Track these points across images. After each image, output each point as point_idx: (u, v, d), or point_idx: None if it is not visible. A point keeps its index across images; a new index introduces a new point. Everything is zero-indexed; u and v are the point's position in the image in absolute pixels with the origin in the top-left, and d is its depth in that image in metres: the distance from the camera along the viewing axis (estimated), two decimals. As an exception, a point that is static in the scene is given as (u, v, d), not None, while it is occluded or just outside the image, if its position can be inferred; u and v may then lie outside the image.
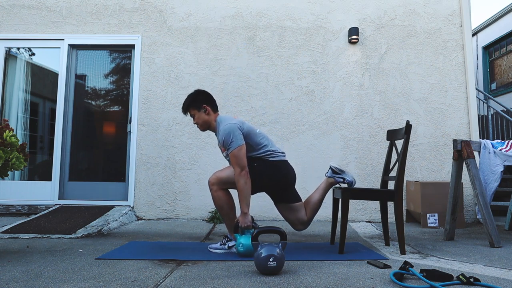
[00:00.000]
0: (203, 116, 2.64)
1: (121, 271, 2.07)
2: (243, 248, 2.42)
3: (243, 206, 2.46)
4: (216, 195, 2.60)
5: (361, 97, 4.52)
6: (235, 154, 2.47)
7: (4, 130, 2.49)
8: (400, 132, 2.81)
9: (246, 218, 2.46)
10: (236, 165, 2.47)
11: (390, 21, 4.63)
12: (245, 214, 2.46)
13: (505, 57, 7.52)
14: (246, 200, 2.47)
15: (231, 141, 2.47)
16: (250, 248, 2.39)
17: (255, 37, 4.61)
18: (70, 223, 3.63)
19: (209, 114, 2.64)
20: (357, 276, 1.99)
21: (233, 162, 2.48)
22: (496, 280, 1.92)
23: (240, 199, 2.47)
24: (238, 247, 2.44)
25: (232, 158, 2.48)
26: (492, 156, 3.12)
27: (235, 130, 2.49)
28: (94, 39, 4.63)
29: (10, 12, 4.69)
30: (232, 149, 2.47)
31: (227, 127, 2.50)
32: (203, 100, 2.64)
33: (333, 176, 2.80)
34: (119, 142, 4.65)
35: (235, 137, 2.47)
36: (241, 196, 2.47)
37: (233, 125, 2.51)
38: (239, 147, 2.47)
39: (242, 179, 2.46)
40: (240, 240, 2.44)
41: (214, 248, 2.65)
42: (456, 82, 4.53)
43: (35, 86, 4.81)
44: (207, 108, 2.63)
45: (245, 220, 2.46)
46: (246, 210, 2.46)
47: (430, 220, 3.92)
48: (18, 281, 1.88)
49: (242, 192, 2.46)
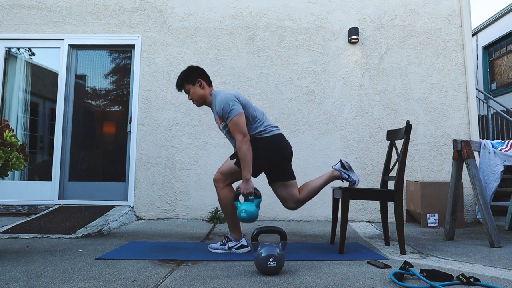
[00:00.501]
0: (198, 90, 2.63)
1: (121, 271, 2.07)
2: (246, 214, 2.39)
3: (246, 173, 2.45)
4: (222, 193, 2.58)
5: (361, 97, 4.52)
6: (235, 122, 2.46)
7: (4, 130, 2.49)
8: (400, 132, 2.81)
9: (248, 184, 2.45)
10: (238, 132, 2.46)
11: (390, 21, 4.63)
12: (248, 180, 2.45)
13: (505, 57, 7.52)
14: (249, 167, 2.45)
15: (231, 110, 2.46)
16: (253, 214, 2.38)
17: (255, 37, 4.61)
18: (70, 223, 3.63)
19: (204, 88, 2.63)
20: (357, 276, 1.99)
21: (234, 130, 2.47)
22: (496, 280, 1.92)
23: (242, 166, 2.46)
24: (241, 214, 2.40)
25: (232, 126, 2.47)
26: (492, 156, 3.12)
27: (233, 99, 2.49)
28: (94, 39, 4.63)
29: (10, 12, 4.69)
30: (232, 117, 2.46)
31: (224, 97, 2.50)
32: (197, 75, 2.63)
33: (340, 170, 2.76)
34: (119, 142, 4.65)
35: (234, 105, 2.47)
36: (244, 163, 2.45)
37: (231, 95, 2.51)
38: (239, 115, 2.47)
39: (245, 146, 2.44)
40: (242, 207, 2.41)
41: (214, 248, 2.64)
42: (456, 82, 4.53)
43: (35, 86, 4.81)
44: (201, 82, 2.63)
45: (247, 186, 2.45)
46: (248, 177, 2.45)
47: (430, 220, 3.92)
48: (18, 281, 1.88)
49: (245, 158, 2.44)
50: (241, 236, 2.65)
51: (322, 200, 4.35)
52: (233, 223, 2.63)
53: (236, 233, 2.64)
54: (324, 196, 4.36)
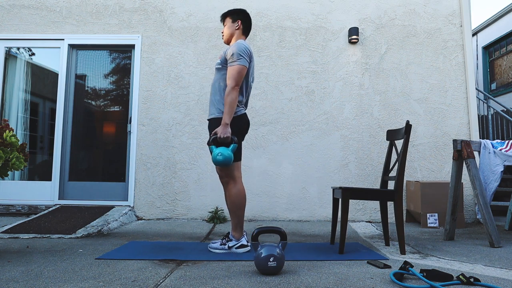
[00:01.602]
0: (233, 28, 2.71)
1: (121, 271, 2.07)
2: (222, 157, 2.39)
3: (226, 118, 2.45)
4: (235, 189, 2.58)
5: (361, 97, 4.52)
6: (238, 70, 2.49)
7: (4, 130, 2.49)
8: (400, 132, 2.81)
9: (226, 128, 2.46)
10: (234, 79, 2.48)
11: (390, 21, 4.63)
12: (226, 125, 2.46)
13: (505, 57, 7.52)
14: (230, 113, 2.46)
15: (241, 57, 2.50)
16: (228, 157, 2.39)
17: (255, 37, 4.61)
18: (70, 223, 3.63)
19: (238, 29, 2.71)
20: (357, 276, 1.99)
21: (231, 76, 2.49)
22: (496, 280, 1.92)
23: (226, 110, 2.46)
24: (217, 157, 2.40)
25: (232, 72, 2.49)
26: (492, 156, 3.12)
27: (247, 51, 2.55)
28: (94, 39, 4.63)
29: (10, 12, 4.69)
30: (238, 64, 2.50)
31: (242, 45, 2.55)
32: (241, 17, 2.72)
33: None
34: (119, 142, 4.65)
35: (245, 55, 2.52)
36: (227, 108, 2.46)
37: (247, 47, 2.56)
38: (244, 66, 2.51)
39: (234, 94, 2.47)
40: (218, 150, 2.41)
41: (214, 248, 2.64)
42: (456, 82, 4.53)
43: (35, 86, 4.81)
44: (239, 24, 2.70)
45: (225, 130, 2.45)
46: (227, 121, 2.46)
47: (430, 220, 3.92)
48: (18, 281, 1.88)
49: (230, 105, 2.46)
50: (242, 235, 2.64)
51: (322, 200, 4.35)
52: (238, 221, 2.61)
53: (238, 232, 2.62)
54: (324, 196, 4.36)
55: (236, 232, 2.62)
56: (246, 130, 2.69)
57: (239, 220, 2.61)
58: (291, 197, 4.36)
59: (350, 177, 4.39)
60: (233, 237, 2.62)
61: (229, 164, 2.43)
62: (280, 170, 4.40)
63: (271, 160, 4.42)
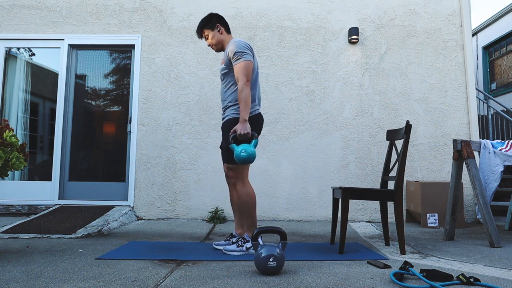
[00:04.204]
0: (218, 35, 2.69)
1: (121, 271, 2.07)
2: (246, 154, 2.36)
3: (244, 114, 2.43)
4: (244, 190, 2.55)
5: (361, 97, 4.52)
6: (245, 66, 2.48)
7: (4, 130, 2.49)
8: (400, 132, 2.81)
9: (245, 125, 2.44)
10: (244, 75, 2.47)
11: (390, 21, 4.63)
12: (245, 121, 2.44)
13: (505, 57, 7.52)
14: (247, 109, 2.44)
15: (244, 53, 2.49)
16: (252, 153, 2.37)
17: (255, 37, 4.61)
18: (70, 223, 3.63)
19: (222, 34, 2.70)
20: (357, 276, 1.99)
21: (239, 73, 2.48)
22: (496, 280, 1.92)
23: (242, 107, 2.44)
24: (241, 153, 2.36)
25: (239, 69, 2.48)
26: (492, 156, 3.12)
27: (248, 47, 2.54)
28: (94, 39, 4.63)
29: (10, 12, 4.69)
30: (243, 60, 2.48)
31: (241, 42, 2.55)
32: (216, 21, 2.70)
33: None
34: (119, 142, 4.65)
35: (247, 51, 2.51)
36: (243, 105, 2.44)
37: (247, 43, 2.57)
38: (250, 61, 2.50)
39: (247, 89, 2.46)
40: (240, 147, 2.38)
41: (230, 250, 2.53)
42: (456, 82, 4.53)
43: (35, 86, 4.81)
44: (220, 28, 2.70)
45: (244, 127, 2.43)
46: (246, 118, 2.44)
47: (430, 220, 3.92)
48: (18, 281, 1.88)
49: (246, 101, 2.44)
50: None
51: (322, 200, 4.35)
52: (252, 222, 2.55)
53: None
54: (324, 196, 4.36)
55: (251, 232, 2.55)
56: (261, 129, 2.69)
57: (252, 220, 2.55)
58: (291, 197, 4.36)
59: (350, 177, 4.39)
60: (249, 237, 2.55)
61: (253, 160, 2.41)
62: (280, 170, 4.40)
63: (271, 160, 4.41)
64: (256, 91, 2.65)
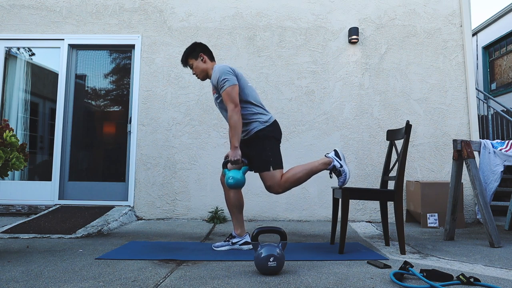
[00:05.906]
0: (201, 64, 2.76)
1: (121, 271, 2.07)
2: (233, 181, 2.48)
3: (234, 141, 2.52)
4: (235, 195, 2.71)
5: (361, 97, 4.52)
6: (228, 92, 2.55)
7: (4, 130, 2.49)
8: (400, 132, 2.81)
9: (236, 151, 2.53)
10: (230, 101, 2.55)
11: (390, 21, 4.63)
12: (236, 148, 2.53)
13: (505, 57, 7.52)
14: (238, 136, 2.54)
15: (225, 80, 2.56)
16: (240, 180, 2.48)
17: (255, 37, 4.61)
18: (70, 223, 3.63)
19: (206, 63, 2.77)
20: (357, 276, 1.99)
21: (226, 100, 2.56)
22: (496, 280, 1.92)
23: (232, 134, 2.54)
24: (229, 180, 2.49)
25: (225, 96, 2.56)
26: (492, 156, 3.12)
27: (228, 70, 2.61)
28: (94, 39, 4.63)
29: (10, 12, 4.69)
30: (226, 87, 2.56)
31: (221, 68, 2.62)
32: (200, 50, 2.78)
33: (333, 158, 2.68)
34: (119, 142, 4.65)
35: (228, 76, 2.58)
36: (233, 131, 2.53)
37: (227, 67, 2.64)
38: (232, 86, 2.57)
39: (236, 115, 2.53)
40: (230, 174, 2.50)
41: (218, 246, 2.71)
42: (456, 82, 4.53)
43: (35, 86, 4.81)
44: (204, 56, 2.77)
45: (235, 154, 2.53)
46: (236, 145, 2.53)
47: (430, 220, 3.92)
48: (18, 281, 1.88)
49: (235, 127, 2.53)
50: (244, 233, 2.75)
51: (322, 200, 4.35)
52: (238, 221, 2.74)
53: (240, 230, 2.73)
54: (324, 196, 4.36)
55: (238, 230, 2.75)
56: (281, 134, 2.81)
57: (238, 219, 2.74)
58: (291, 197, 4.36)
59: (350, 177, 4.38)
60: (236, 234, 2.73)
61: (241, 186, 2.52)
62: (280, 170, 4.39)
63: (271, 160, 4.41)
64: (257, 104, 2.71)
